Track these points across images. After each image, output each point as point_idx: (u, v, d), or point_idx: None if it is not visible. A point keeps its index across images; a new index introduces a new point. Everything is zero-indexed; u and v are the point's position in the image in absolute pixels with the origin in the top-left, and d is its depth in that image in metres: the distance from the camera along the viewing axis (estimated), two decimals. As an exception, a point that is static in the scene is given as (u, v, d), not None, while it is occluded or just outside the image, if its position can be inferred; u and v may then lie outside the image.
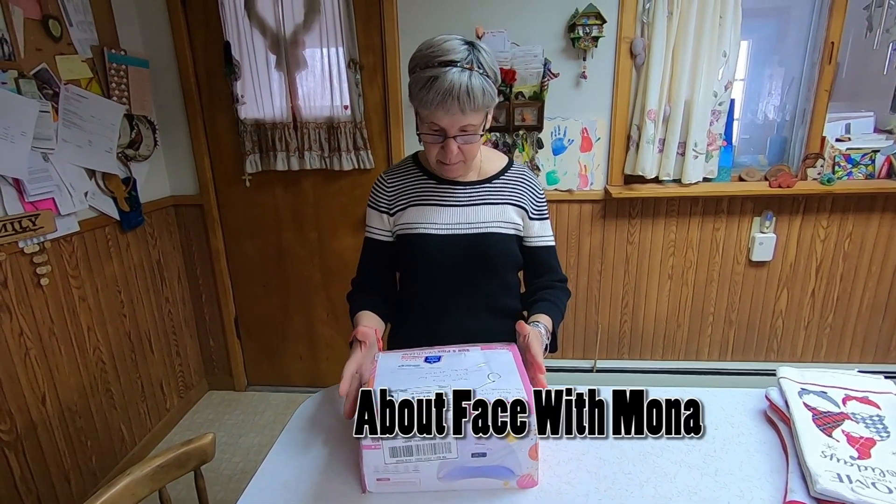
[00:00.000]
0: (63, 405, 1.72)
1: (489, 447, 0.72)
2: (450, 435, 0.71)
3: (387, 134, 2.15)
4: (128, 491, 0.83)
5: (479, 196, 1.08)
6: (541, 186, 1.14)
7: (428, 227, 1.05)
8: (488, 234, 1.05)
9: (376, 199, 1.11)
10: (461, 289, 1.07)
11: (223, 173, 2.27)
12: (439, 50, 0.90)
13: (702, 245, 2.18)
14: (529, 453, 0.73)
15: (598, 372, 2.36)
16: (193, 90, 2.15)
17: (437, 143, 0.97)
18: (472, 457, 0.73)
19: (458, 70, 0.89)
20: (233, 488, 1.90)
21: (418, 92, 0.91)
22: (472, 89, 0.89)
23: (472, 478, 0.74)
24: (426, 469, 0.73)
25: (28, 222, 1.55)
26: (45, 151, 1.62)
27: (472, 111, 0.91)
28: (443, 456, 0.72)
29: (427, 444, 0.71)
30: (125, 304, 2.01)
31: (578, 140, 2.08)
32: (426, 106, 0.91)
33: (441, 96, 0.88)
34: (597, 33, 1.91)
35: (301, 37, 2.07)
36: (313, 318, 2.44)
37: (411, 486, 0.75)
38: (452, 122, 0.92)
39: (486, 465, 0.73)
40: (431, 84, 0.89)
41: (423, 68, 0.91)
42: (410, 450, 0.72)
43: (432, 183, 1.08)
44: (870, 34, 1.94)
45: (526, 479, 0.75)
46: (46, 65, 1.63)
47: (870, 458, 0.72)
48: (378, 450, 0.72)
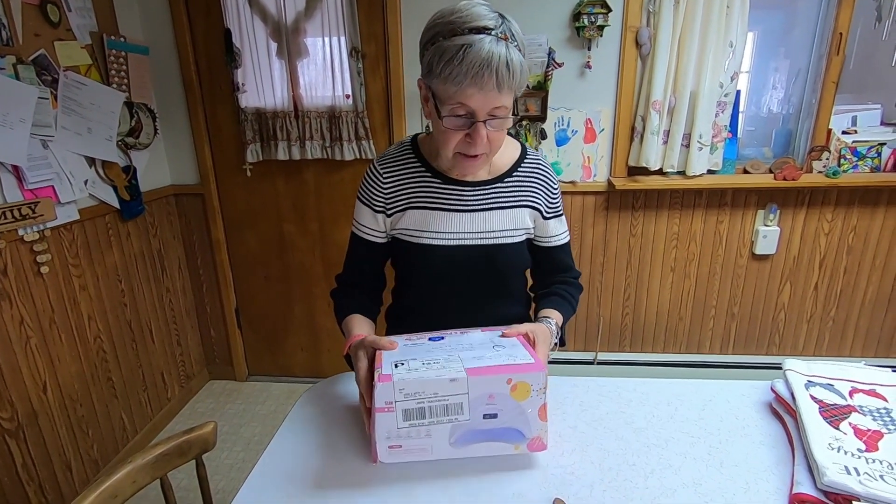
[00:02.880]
0: (64, 393, 1.72)
1: (500, 407, 0.72)
2: (462, 395, 0.71)
3: (389, 124, 2.13)
4: (129, 478, 0.82)
5: (490, 199, 0.96)
6: (556, 178, 1.04)
7: (433, 236, 0.95)
8: (499, 246, 0.97)
9: (370, 195, 0.99)
10: (465, 299, 1.00)
11: (224, 162, 2.26)
12: (468, 15, 0.77)
13: (705, 238, 2.17)
14: (539, 413, 0.74)
15: (599, 364, 2.35)
16: (194, 78, 2.12)
17: (464, 128, 0.82)
18: (483, 418, 0.73)
19: (494, 38, 0.75)
20: (234, 477, 1.91)
21: (445, 65, 0.76)
22: (511, 61, 0.76)
23: (483, 442, 0.74)
24: (438, 434, 0.73)
25: (28, 210, 1.54)
26: (44, 138, 1.60)
27: (509, 89, 0.78)
28: (455, 418, 0.72)
29: (440, 404, 0.71)
30: (126, 294, 2.00)
31: (582, 131, 2.06)
32: (456, 81, 0.76)
33: (477, 67, 0.74)
34: (602, 22, 1.88)
35: (302, 24, 2.05)
36: (314, 309, 2.43)
37: (423, 454, 0.74)
38: (485, 101, 0.78)
39: (497, 427, 0.73)
40: (465, 54, 0.74)
41: (447, 36, 0.77)
42: (423, 412, 0.72)
43: (437, 182, 0.96)
44: (878, 25, 1.92)
45: (536, 442, 0.76)
46: (45, 51, 1.61)
47: (877, 451, 0.71)
48: (391, 412, 0.71)
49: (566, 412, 0.90)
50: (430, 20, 0.82)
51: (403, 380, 0.70)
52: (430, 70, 0.80)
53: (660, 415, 0.89)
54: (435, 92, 0.82)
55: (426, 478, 0.75)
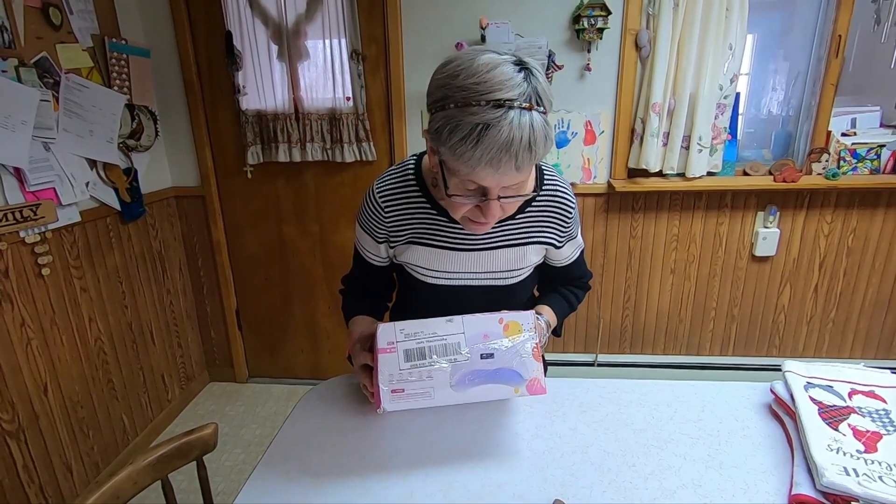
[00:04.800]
0: (65, 395, 1.72)
1: (495, 346, 0.76)
2: (459, 335, 0.75)
3: (389, 126, 2.14)
4: (129, 480, 0.82)
5: (497, 238, 0.90)
6: (573, 202, 0.93)
7: (437, 276, 0.92)
8: (506, 287, 0.94)
9: (371, 225, 0.92)
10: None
11: (225, 164, 2.26)
12: (486, 82, 0.63)
13: (705, 240, 2.17)
14: (533, 353, 0.77)
15: (599, 366, 2.36)
16: (195, 80, 2.13)
17: (473, 203, 0.73)
18: (481, 358, 0.76)
19: (517, 112, 0.63)
20: (234, 479, 1.91)
21: (456, 143, 0.64)
22: (534, 140, 0.64)
23: (483, 383, 0.77)
24: (439, 376, 0.76)
25: (29, 212, 1.55)
26: (45, 141, 1.61)
27: (529, 166, 0.68)
28: (454, 358, 0.76)
29: (439, 343, 0.75)
30: (126, 295, 2.01)
31: (582, 133, 2.07)
32: (468, 163, 0.65)
33: (494, 152, 0.63)
34: (602, 25, 1.89)
35: (303, 27, 2.05)
36: (315, 311, 2.43)
37: (425, 399, 0.76)
38: (501, 181, 0.68)
39: (496, 367, 0.76)
40: (481, 135, 0.63)
41: (461, 106, 0.64)
42: (423, 352, 0.75)
43: (442, 221, 0.89)
44: (877, 27, 1.92)
45: (534, 385, 0.77)
46: (47, 53, 1.61)
47: (876, 452, 0.71)
48: (393, 353, 0.75)
49: (566, 413, 0.90)
50: (440, 74, 0.68)
51: (404, 321, 0.77)
52: (438, 136, 0.67)
53: (659, 416, 0.89)
54: (443, 160, 0.70)
55: (426, 479, 0.75)
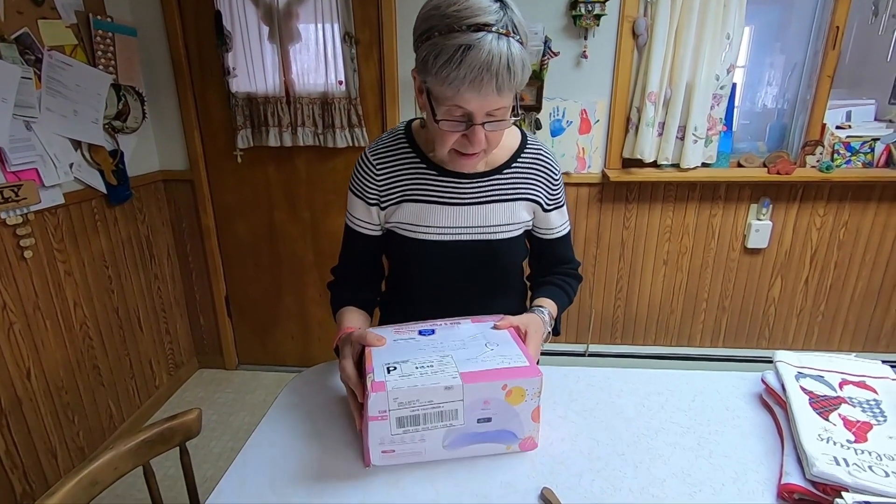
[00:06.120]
0: (49, 381, 1.69)
1: (494, 412, 0.72)
2: (457, 402, 0.70)
3: (382, 111, 2.11)
4: (110, 465, 0.81)
5: (487, 192, 0.93)
6: (558, 168, 0.99)
7: (428, 231, 0.93)
8: (496, 241, 0.95)
9: (362, 188, 0.95)
10: (461, 292, 0.98)
11: (214, 148, 2.22)
12: (467, 9, 0.70)
13: (698, 231, 2.17)
14: (532, 416, 0.74)
15: (590, 356, 2.36)
16: (183, 61, 2.08)
17: (460, 129, 0.78)
18: (477, 423, 0.73)
19: (495, 36, 0.70)
20: (221, 466, 1.89)
21: (441, 66, 0.71)
22: (512, 62, 0.71)
23: (476, 444, 0.74)
24: (432, 438, 0.73)
25: (10, 192, 1.51)
26: (27, 120, 1.56)
27: (509, 90, 0.74)
28: (449, 424, 0.72)
29: (434, 411, 0.71)
30: (113, 280, 1.97)
31: (577, 122, 2.05)
32: (453, 85, 0.71)
33: (476, 72, 0.70)
34: (599, 11, 1.86)
35: (295, 8, 2.01)
36: (305, 298, 2.41)
37: (416, 457, 0.74)
38: (483, 104, 0.74)
39: (491, 429, 0.73)
40: (463, 56, 0.69)
41: (444, 33, 0.71)
42: (417, 419, 0.71)
43: (432, 174, 0.92)
44: (875, 19, 1.92)
45: (527, 442, 0.76)
46: (28, 29, 1.56)
47: (866, 442, 0.71)
48: (385, 421, 0.70)
49: (556, 402, 0.89)
50: (426, 9, 0.75)
51: (398, 388, 0.68)
52: (424, 66, 0.74)
53: (650, 405, 0.88)
54: (430, 89, 0.77)
55: (414, 468, 0.74)
